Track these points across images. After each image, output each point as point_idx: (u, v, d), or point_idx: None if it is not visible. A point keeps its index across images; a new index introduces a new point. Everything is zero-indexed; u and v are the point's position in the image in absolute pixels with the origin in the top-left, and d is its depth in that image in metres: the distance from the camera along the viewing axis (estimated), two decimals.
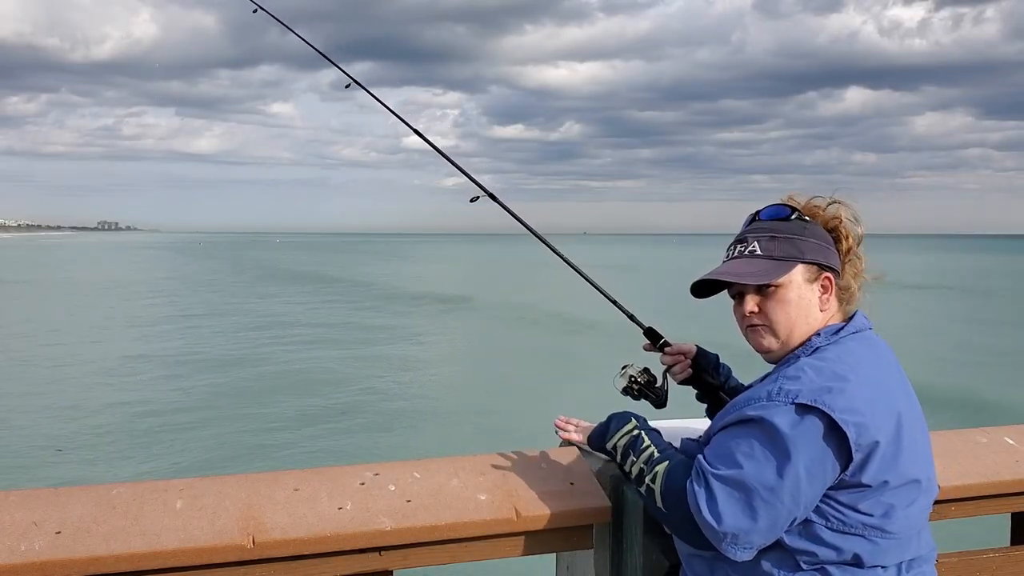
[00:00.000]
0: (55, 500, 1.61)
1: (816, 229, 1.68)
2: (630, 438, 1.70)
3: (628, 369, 1.99)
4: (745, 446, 1.48)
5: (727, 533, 1.46)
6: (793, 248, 1.64)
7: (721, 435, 1.55)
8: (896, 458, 1.50)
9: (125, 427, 13.37)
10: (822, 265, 1.65)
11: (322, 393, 16.14)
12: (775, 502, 1.45)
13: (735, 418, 1.53)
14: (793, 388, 1.49)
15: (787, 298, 1.63)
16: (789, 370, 1.55)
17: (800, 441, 1.45)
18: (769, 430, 1.46)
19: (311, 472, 1.79)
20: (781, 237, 1.66)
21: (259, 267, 71.04)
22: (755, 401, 1.52)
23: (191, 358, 20.33)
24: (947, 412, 13.05)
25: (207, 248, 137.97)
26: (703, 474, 1.51)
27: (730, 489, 1.47)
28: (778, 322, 1.64)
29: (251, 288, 45.59)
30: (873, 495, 1.49)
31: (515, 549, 1.78)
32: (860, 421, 1.46)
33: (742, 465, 1.47)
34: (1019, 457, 2.17)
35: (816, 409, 1.45)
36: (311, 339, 24.06)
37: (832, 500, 1.49)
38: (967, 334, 25.84)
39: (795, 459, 1.44)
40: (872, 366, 1.56)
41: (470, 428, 13.51)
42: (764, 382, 1.59)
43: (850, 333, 1.62)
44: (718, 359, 2.02)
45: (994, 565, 2.09)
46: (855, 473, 1.47)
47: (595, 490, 1.85)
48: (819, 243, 1.66)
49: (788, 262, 1.64)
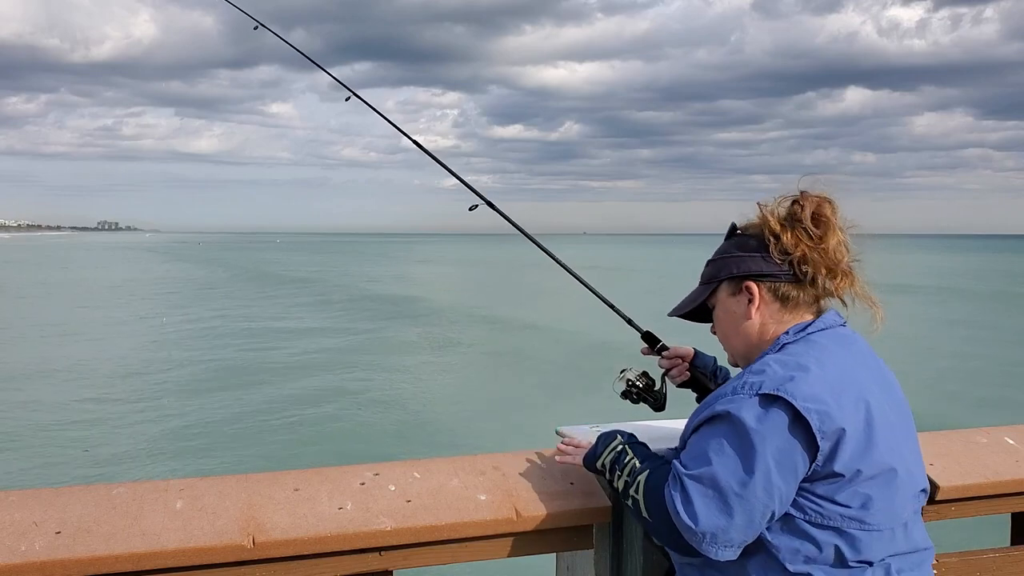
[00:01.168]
0: (55, 500, 1.61)
1: (742, 241, 1.70)
2: (615, 454, 1.72)
3: (626, 373, 2.00)
4: (715, 443, 1.50)
5: (705, 532, 1.48)
6: (715, 268, 1.73)
7: (694, 436, 1.58)
8: (868, 447, 1.50)
9: (124, 427, 13.37)
10: (738, 275, 1.68)
11: (322, 393, 16.14)
12: (748, 496, 1.46)
13: (703, 416, 1.56)
14: (756, 380, 1.51)
15: (717, 317, 1.75)
16: (754, 366, 1.57)
17: (766, 432, 1.46)
18: (735, 424, 1.48)
19: (311, 472, 1.79)
20: (712, 260, 1.75)
21: (260, 268, 70.99)
22: (721, 397, 1.54)
23: (190, 358, 20.33)
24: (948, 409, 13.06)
25: (206, 249, 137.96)
26: (678, 476, 1.53)
27: (703, 488, 1.49)
28: (722, 339, 1.76)
29: (252, 289, 45.59)
30: (849, 485, 1.49)
31: (515, 549, 1.78)
32: (822, 409, 1.46)
33: (712, 462, 1.49)
34: (1019, 457, 2.17)
35: (779, 399, 1.46)
36: (311, 339, 24.07)
37: (809, 493, 1.49)
38: (967, 335, 25.84)
39: (762, 450, 1.46)
40: (838, 357, 1.57)
41: (470, 428, 13.52)
42: (731, 380, 1.62)
43: (818, 330, 1.62)
44: (715, 361, 2.02)
45: (994, 565, 2.09)
46: (826, 463, 1.47)
47: (595, 490, 1.85)
48: (738, 255, 1.68)
49: (711, 284, 1.74)
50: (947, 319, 30.10)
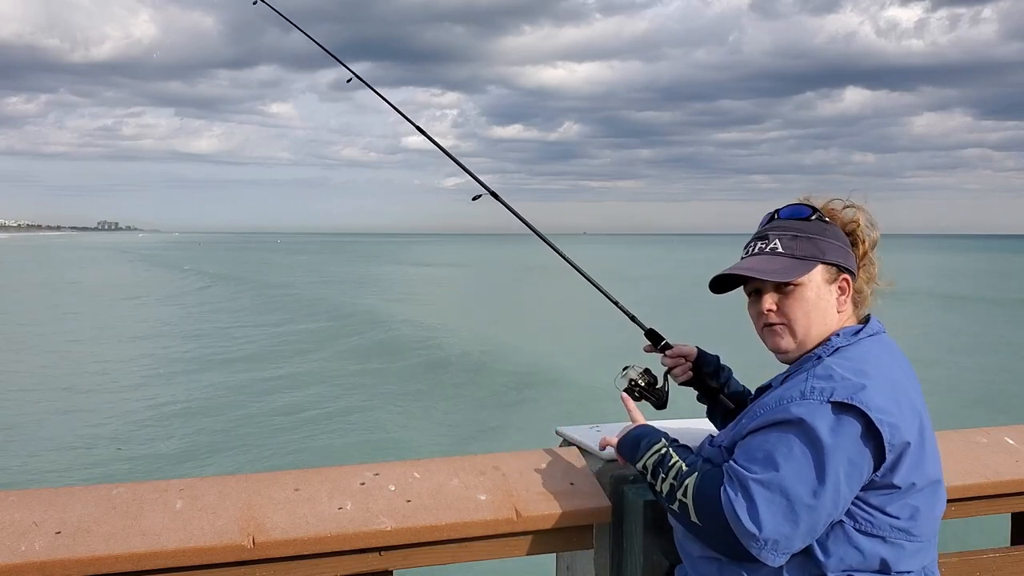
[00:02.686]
0: (55, 500, 1.61)
1: (836, 231, 1.68)
2: (658, 456, 1.65)
3: (629, 371, 1.99)
4: (783, 448, 1.45)
5: (768, 539, 1.42)
6: (814, 248, 1.63)
7: (754, 437, 1.51)
8: (922, 459, 1.50)
9: (125, 427, 13.36)
10: (841, 267, 1.64)
11: (322, 393, 16.12)
12: (817, 506, 1.42)
13: (769, 420, 1.50)
14: (827, 386, 1.47)
15: (806, 297, 1.62)
16: (818, 369, 1.53)
17: (840, 442, 1.42)
18: (808, 430, 1.43)
19: (311, 472, 1.79)
20: (803, 236, 1.65)
21: (262, 270, 70.96)
22: (787, 401, 1.49)
23: (189, 359, 20.32)
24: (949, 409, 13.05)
25: (207, 249, 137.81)
26: (738, 479, 1.46)
27: (770, 494, 1.43)
28: (796, 321, 1.62)
29: (253, 289, 45.57)
30: (902, 497, 1.48)
31: (515, 549, 1.78)
32: (893, 421, 1.45)
33: (782, 468, 1.43)
34: (1019, 457, 2.17)
35: (853, 408, 1.43)
36: (311, 340, 24.05)
37: (862, 502, 1.47)
38: (966, 335, 25.82)
39: (835, 461, 1.42)
40: (892, 367, 1.56)
41: (470, 428, 13.50)
42: (792, 382, 1.56)
43: (868, 335, 1.61)
44: (719, 361, 2.02)
45: (994, 565, 2.09)
46: (886, 474, 1.46)
47: (595, 490, 1.85)
48: (839, 245, 1.66)
49: (809, 261, 1.62)
50: (947, 317, 30.07)
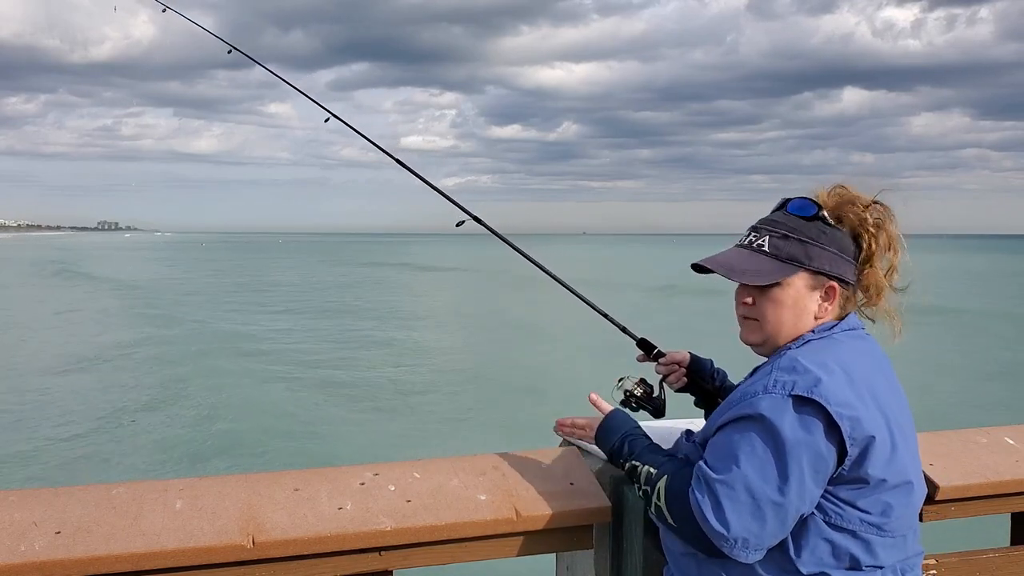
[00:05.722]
0: (55, 500, 1.61)
1: (835, 236, 1.62)
2: (629, 467, 1.67)
3: (624, 382, 1.98)
4: (746, 446, 1.45)
5: (737, 538, 1.44)
6: (801, 252, 1.59)
7: (719, 435, 1.52)
8: (893, 456, 1.50)
9: (123, 426, 13.36)
10: (828, 274, 1.61)
11: (321, 393, 16.13)
12: (784, 502, 1.43)
13: (733, 415, 1.50)
14: (789, 379, 1.47)
15: (781, 299, 1.60)
16: (782, 361, 1.53)
17: (802, 436, 1.43)
18: (769, 427, 1.44)
19: (311, 472, 1.79)
20: (793, 238, 1.60)
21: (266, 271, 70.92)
22: (751, 396, 1.50)
23: (188, 359, 20.31)
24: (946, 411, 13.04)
25: (209, 249, 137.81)
26: (704, 480, 1.48)
27: (735, 493, 1.44)
28: (767, 319, 1.62)
29: (252, 290, 45.58)
30: (872, 492, 1.48)
31: (515, 549, 1.78)
32: (854, 415, 1.45)
33: (745, 467, 1.44)
34: (1019, 457, 2.17)
35: (813, 401, 1.44)
36: (312, 340, 24.06)
37: (832, 496, 1.48)
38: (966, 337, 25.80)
39: (798, 456, 1.42)
40: (861, 361, 1.56)
41: (470, 428, 13.50)
42: (757, 375, 1.58)
43: (842, 330, 1.61)
44: (712, 364, 2.02)
45: (994, 565, 2.08)
46: (853, 468, 1.46)
47: (595, 490, 1.85)
48: (832, 252, 1.61)
49: (791, 265, 1.59)
50: (947, 320, 30.04)
